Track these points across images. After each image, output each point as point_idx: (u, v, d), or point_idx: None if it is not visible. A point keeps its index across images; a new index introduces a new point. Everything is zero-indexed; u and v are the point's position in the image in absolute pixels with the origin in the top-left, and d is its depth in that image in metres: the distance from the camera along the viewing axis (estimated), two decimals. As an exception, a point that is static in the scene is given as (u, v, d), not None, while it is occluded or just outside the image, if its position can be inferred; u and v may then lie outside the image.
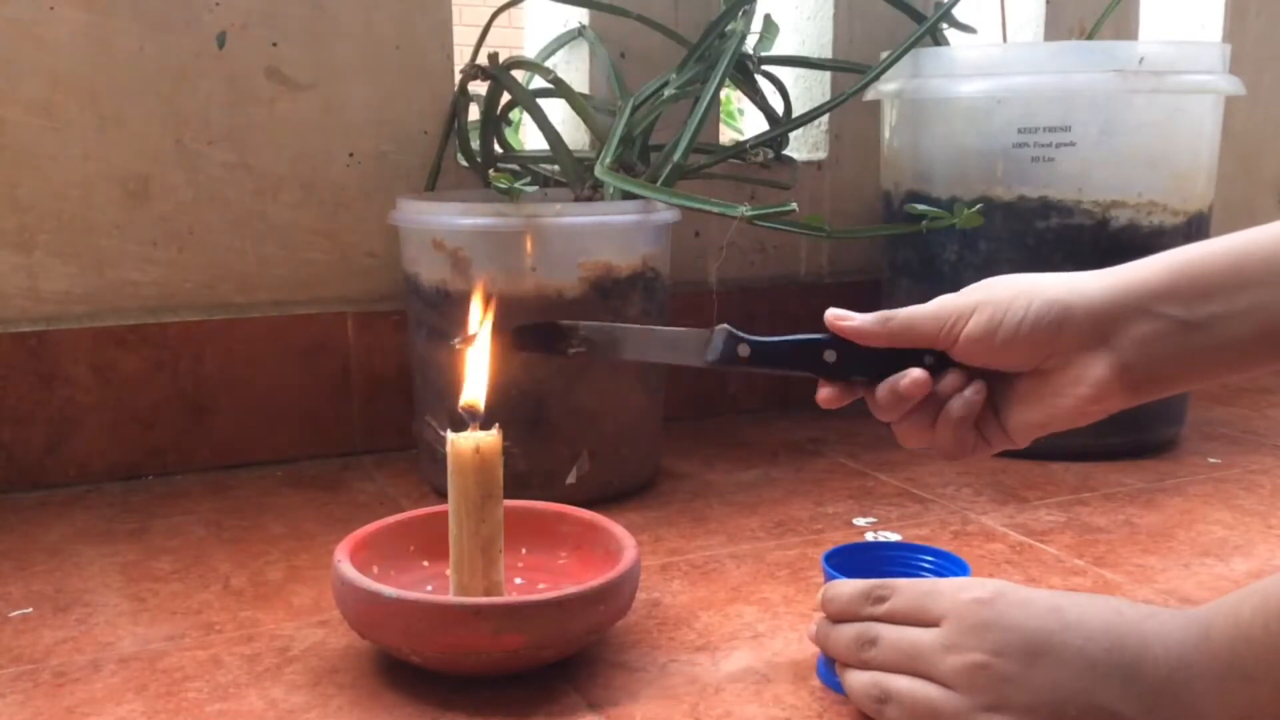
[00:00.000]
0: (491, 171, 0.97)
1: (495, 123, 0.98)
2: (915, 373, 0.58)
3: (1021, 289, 0.57)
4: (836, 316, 0.60)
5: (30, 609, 0.71)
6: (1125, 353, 0.55)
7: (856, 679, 0.55)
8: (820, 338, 0.60)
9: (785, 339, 0.61)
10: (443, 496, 0.71)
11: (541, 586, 0.69)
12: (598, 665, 0.63)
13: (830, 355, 0.60)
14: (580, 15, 1.09)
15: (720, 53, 0.97)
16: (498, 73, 0.93)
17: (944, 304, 0.58)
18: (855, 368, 0.59)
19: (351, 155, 1.01)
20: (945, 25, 1.09)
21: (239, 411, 0.99)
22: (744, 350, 0.60)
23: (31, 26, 0.90)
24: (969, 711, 0.51)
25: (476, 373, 0.64)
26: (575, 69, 1.12)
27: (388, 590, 0.58)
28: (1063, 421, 0.57)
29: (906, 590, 0.56)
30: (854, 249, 1.24)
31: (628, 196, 0.88)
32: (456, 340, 0.64)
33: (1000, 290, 0.57)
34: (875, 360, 0.59)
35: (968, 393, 0.58)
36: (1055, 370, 0.56)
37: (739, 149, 1.04)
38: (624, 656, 0.64)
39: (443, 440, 0.62)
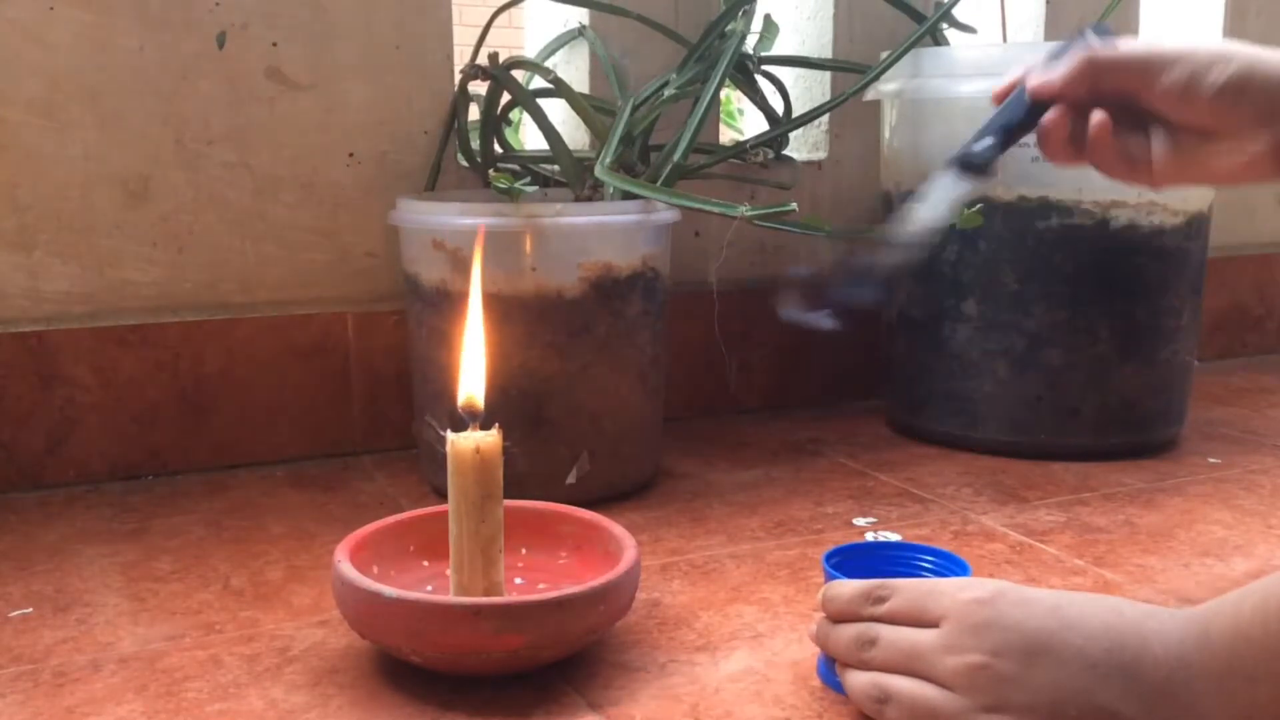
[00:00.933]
0: (491, 171, 0.96)
1: (495, 123, 0.98)
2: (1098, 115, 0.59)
3: (1220, 53, 0.56)
4: (1038, 85, 0.59)
5: (30, 609, 0.71)
6: None
7: (856, 679, 0.55)
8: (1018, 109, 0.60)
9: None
10: (443, 496, 0.71)
11: (541, 586, 0.69)
12: (598, 665, 0.63)
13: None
14: (580, 15, 1.09)
15: (720, 53, 0.97)
16: (498, 73, 0.93)
17: (1149, 52, 0.58)
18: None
19: (351, 155, 1.01)
20: (945, 25, 1.09)
21: (239, 411, 0.99)
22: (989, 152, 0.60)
23: (31, 26, 0.90)
24: (969, 712, 0.51)
25: (473, 369, 0.65)
26: (575, 69, 1.12)
27: (388, 590, 0.58)
28: (1208, 180, 0.59)
29: (906, 590, 0.56)
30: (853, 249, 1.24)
31: (628, 196, 0.88)
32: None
33: (1200, 51, 0.57)
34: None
35: (1092, 128, 0.59)
36: (1222, 136, 0.57)
37: (739, 149, 1.04)
38: (624, 656, 0.64)
39: (443, 440, 0.62)
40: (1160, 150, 0.59)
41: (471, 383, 0.64)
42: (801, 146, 1.25)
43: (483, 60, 0.95)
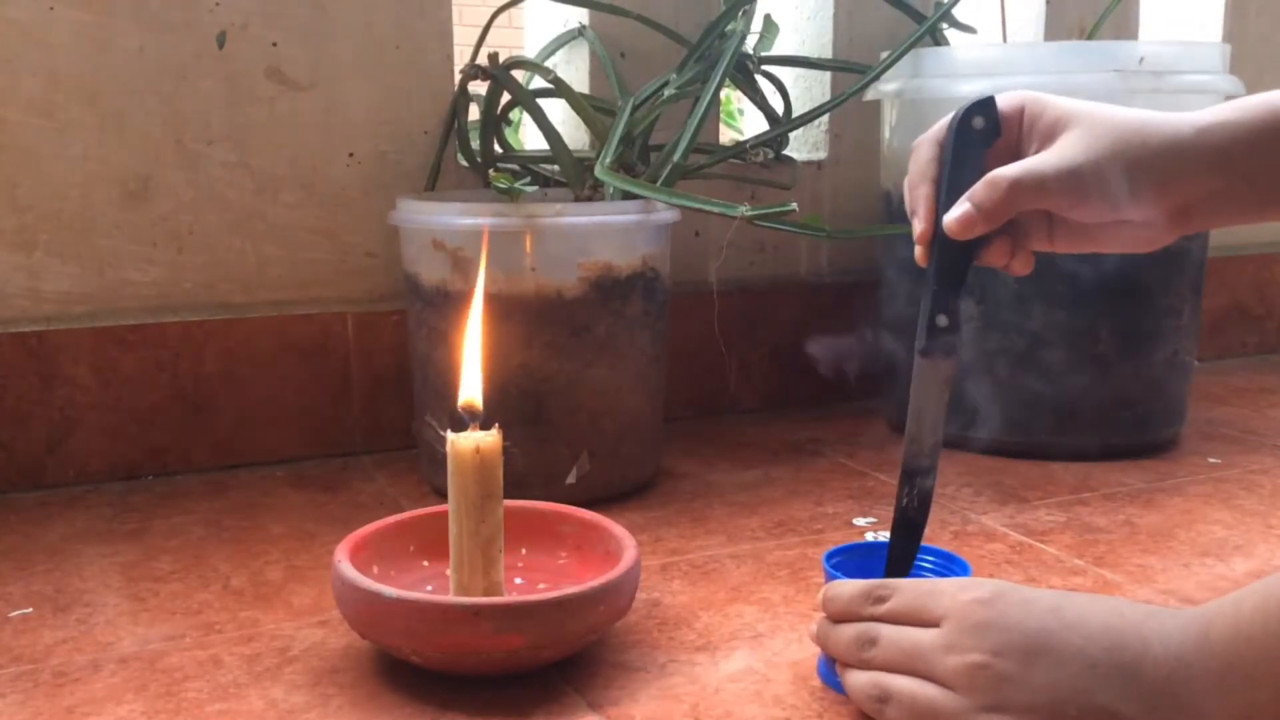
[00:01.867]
0: (491, 171, 0.97)
1: (495, 123, 0.98)
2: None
3: (1133, 160, 0.56)
4: (962, 227, 0.58)
5: (30, 609, 0.71)
6: (1195, 218, 0.57)
7: (856, 679, 0.55)
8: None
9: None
10: (443, 496, 0.71)
11: (541, 586, 0.69)
12: (598, 665, 0.63)
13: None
14: (580, 15, 1.09)
15: (720, 53, 0.97)
16: (498, 73, 0.93)
17: (1067, 173, 0.57)
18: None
19: (351, 155, 1.01)
20: (945, 25, 1.09)
21: (239, 411, 0.99)
22: (942, 320, 0.60)
23: (31, 26, 0.90)
24: (969, 712, 0.51)
25: (473, 370, 0.65)
26: (575, 69, 1.12)
27: (388, 590, 0.58)
28: (1104, 249, 0.61)
29: (907, 590, 0.56)
30: (854, 249, 1.24)
31: (628, 196, 0.88)
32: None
33: (1114, 162, 0.56)
34: None
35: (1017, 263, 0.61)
36: (1126, 225, 0.59)
37: (739, 149, 1.04)
38: (624, 656, 0.64)
39: (443, 440, 0.62)
40: (1061, 236, 0.61)
41: (471, 383, 0.64)
42: (801, 146, 1.25)
43: (483, 60, 0.95)
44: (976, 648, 0.51)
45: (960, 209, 0.58)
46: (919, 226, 0.60)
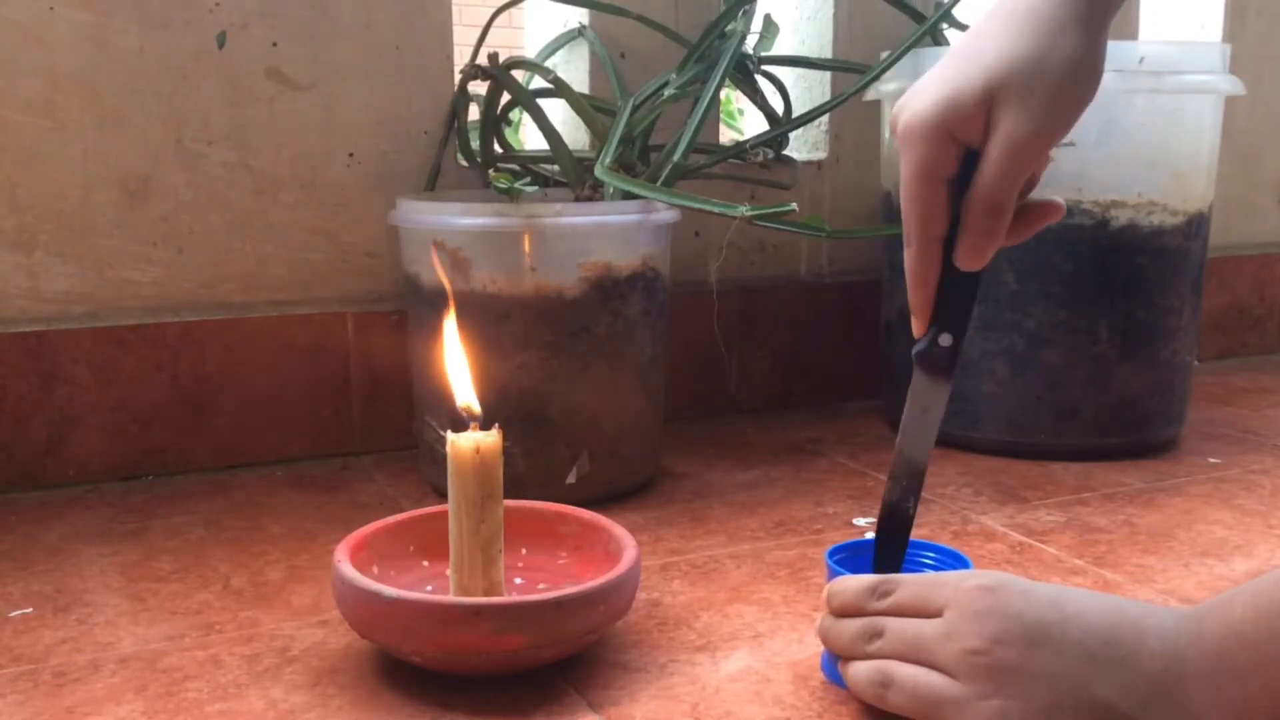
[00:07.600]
0: (491, 171, 0.97)
1: (495, 123, 0.98)
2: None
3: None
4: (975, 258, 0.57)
5: (30, 609, 0.71)
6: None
7: (859, 667, 0.56)
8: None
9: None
10: (443, 496, 0.71)
11: (541, 586, 0.69)
12: (598, 665, 0.63)
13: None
14: (580, 15, 1.09)
15: (720, 53, 0.97)
16: (498, 73, 0.93)
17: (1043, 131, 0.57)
18: None
19: (351, 155, 1.01)
20: (945, 25, 1.09)
21: (239, 411, 0.99)
22: (945, 340, 0.59)
23: (31, 26, 0.90)
24: (969, 699, 0.51)
25: (461, 373, 0.65)
26: (575, 69, 1.12)
27: (388, 590, 0.58)
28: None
29: (911, 584, 0.56)
30: (854, 249, 1.24)
31: (628, 196, 0.88)
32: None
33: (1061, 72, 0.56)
34: None
35: None
36: None
37: (739, 149, 1.04)
38: (624, 656, 0.64)
39: (443, 440, 0.62)
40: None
41: (464, 390, 0.64)
42: (801, 146, 1.25)
43: (483, 60, 0.95)
44: (977, 635, 0.52)
45: (968, 246, 0.56)
46: (918, 327, 0.59)
